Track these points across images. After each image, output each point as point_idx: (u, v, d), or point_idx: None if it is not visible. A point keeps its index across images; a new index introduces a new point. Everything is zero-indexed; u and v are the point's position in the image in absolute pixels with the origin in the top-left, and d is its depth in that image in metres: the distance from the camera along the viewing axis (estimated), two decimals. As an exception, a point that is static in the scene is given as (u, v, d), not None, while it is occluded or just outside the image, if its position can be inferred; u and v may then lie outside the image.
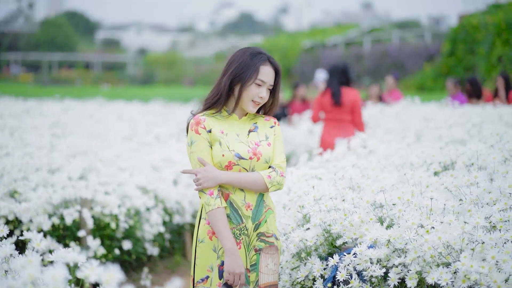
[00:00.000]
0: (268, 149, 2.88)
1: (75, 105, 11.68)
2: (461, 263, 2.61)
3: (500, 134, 5.20)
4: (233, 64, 2.85)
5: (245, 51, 2.87)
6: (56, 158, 5.29)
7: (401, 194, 3.11)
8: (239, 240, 2.83)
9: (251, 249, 2.86)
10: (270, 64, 2.86)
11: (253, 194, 2.85)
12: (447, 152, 4.09)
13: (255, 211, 2.85)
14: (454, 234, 2.74)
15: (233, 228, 2.82)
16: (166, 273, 5.62)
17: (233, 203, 2.83)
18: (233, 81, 2.83)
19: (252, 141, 2.87)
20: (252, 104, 2.85)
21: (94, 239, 4.77)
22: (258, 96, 2.83)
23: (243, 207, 2.83)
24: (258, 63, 2.83)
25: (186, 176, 6.23)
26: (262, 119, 2.97)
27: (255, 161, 2.83)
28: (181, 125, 10.12)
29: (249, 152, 2.83)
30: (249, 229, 2.84)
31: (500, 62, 17.82)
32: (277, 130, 2.97)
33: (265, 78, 2.83)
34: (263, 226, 2.88)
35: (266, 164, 2.87)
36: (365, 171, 3.92)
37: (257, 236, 2.87)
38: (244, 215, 2.83)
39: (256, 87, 2.82)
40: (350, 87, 7.33)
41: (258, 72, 2.82)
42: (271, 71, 2.86)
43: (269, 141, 2.91)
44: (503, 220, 2.87)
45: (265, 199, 2.90)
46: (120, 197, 5.09)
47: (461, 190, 3.26)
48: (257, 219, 2.86)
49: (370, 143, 4.84)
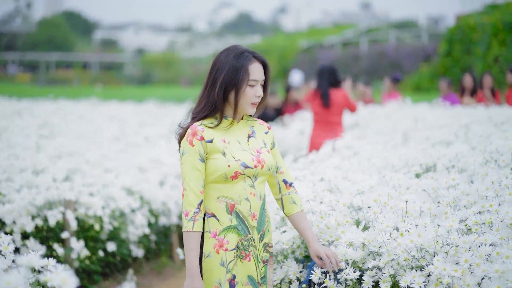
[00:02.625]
0: (269, 156, 2.81)
1: (67, 105, 11.66)
2: (434, 267, 2.60)
3: (486, 135, 5.21)
4: (220, 71, 2.72)
5: (227, 54, 2.74)
6: (41, 159, 5.28)
7: (377, 196, 3.10)
8: (248, 252, 2.74)
9: (259, 261, 2.79)
10: (257, 60, 2.76)
11: (258, 203, 2.76)
12: (429, 154, 4.09)
13: (259, 221, 2.78)
14: (429, 237, 2.73)
15: (242, 239, 2.72)
16: (152, 275, 5.61)
17: (240, 213, 2.73)
18: (226, 89, 2.71)
19: (254, 148, 2.80)
20: (251, 106, 2.77)
21: (78, 240, 4.76)
22: (255, 96, 2.75)
23: (249, 217, 2.75)
24: (246, 64, 2.72)
25: (172, 177, 6.23)
26: (257, 123, 2.89)
27: (260, 169, 2.76)
28: (174, 125, 10.11)
29: (253, 160, 2.75)
30: (255, 240, 2.77)
31: (496, 62, 17.81)
32: (271, 136, 2.91)
33: (257, 76, 2.74)
34: (266, 236, 2.82)
35: (269, 171, 2.80)
36: (347, 173, 3.92)
37: (263, 247, 2.80)
38: (250, 226, 2.75)
39: (250, 88, 2.73)
40: (338, 88, 7.35)
41: (249, 73, 2.71)
42: (259, 66, 2.76)
43: (268, 148, 2.85)
44: (478, 223, 2.86)
45: (266, 208, 2.84)
46: (105, 198, 5.07)
47: (440, 193, 3.25)
48: (261, 229, 2.79)
49: (355, 145, 4.83)
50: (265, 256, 2.81)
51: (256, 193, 2.76)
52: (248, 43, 41.25)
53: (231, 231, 2.71)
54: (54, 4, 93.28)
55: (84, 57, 50.09)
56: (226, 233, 2.70)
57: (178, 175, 6.42)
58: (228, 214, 2.72)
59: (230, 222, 2.71)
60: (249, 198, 2.74)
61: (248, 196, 2.74)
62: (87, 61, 48.41)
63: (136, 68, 46.23)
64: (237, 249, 2.72)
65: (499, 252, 2.60)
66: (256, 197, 2.76)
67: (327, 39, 32.62)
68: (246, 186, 2.74)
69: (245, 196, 2.73)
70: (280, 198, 2.91)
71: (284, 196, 2.90)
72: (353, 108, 7.47)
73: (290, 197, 2.90)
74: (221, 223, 2.71)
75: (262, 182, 2.80)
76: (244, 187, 2.73)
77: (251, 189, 2.75)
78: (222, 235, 2.70)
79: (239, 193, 2.72)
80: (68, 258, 4.71)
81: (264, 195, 2.81)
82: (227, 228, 2.71)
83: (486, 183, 3.18)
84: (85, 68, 46.52)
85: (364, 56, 27.71)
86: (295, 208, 2.89)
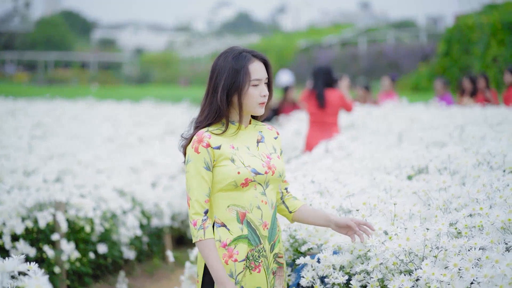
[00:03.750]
0: (280, 162, 2.72)
1: (62, 105, 11.61)
2: (422, 271, 2.57)
3: (481, 136, 5.17)
4: (220, 76, 2.62)
5: (226, 57, 2.65)
6: (32, 160, 5.23)
7: (367, 199, 3.06)
8: (259, 263, 2.63)
9: (270, 272, 2.68)
10: (257, 59, 2.66)
11: (269, 212, 2.66)
12: (422, 155, 4.05)
13: (271, 230, 2.67)
14: (418, 241, 2.70)
15: (252, 250, 2.61)
16: (144, 277, 5.57)
17: (251, 222, 2.62)
18: (229, 93, 2.61)
19: (264, 154, 2.69)
20: (259, 106, 2.65)
21: (68, 242, 4.72)
22: (261, 96, 2.64)
23: (260, 227, 2.63)
24: (245, 64, 2.62)
25: (165, 178, 6.19)
26: (265, 128, 2.80)
27: (270, 175, 2.66)
28: (169, 125, 10.06)
29: (264, 167, 2.65)
30: (266, 251, 2.66)
31: (495, 62, 17.78)
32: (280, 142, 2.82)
33: (259, 75, 2.63)
34: (277, 246, 2.72)
35: (280, 178, 2.70)
36: (338, 174, 3.88)
37: (273, 258, 2.70)
38: (262, 235, 2.64)
39: (254, 88, 2.63)
40: (334, 88, 7.33)
41: (250, 73, 2.61)
42: (260, 65, 2.66)
43: (278, 154, 2.76)
44: (468, 226, 2.82)
45: (277, 217, 2.75)
46: (96, 199, 5.03)
47: (431, 195, 3.21)
48: (272, 239, 2.68)
49: (348, 146, 4.80)
50: (274, 267, 2.71)
51: (268, 201, 2.66)
52: (247, 43, 41.22)
53: (242, 241, 2.60)
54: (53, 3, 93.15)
55: (83, 56, 50.04)
56: (236, 243, 2.60)
57: (171, 176, 6.39)
58: (239, 223, 2.61)
59: (241, 232, 2.61)
60: (260, 206, 2.63)
61: (259, 204, 2.64)
62: (85, 61, 48.36)
63: (135, 67, 46.21)
64: (247, 260, 2.61)
65: (489, 256, 2.56)
66: (267, 205, 2.66)
67: (325, 39, 32.59)
68: (258, 193, 2.64)
69: (257, 204, 2.63)
70: (282, 202, 2.83)
71: (285, 198, 2.84)
72: (349, 108, 7.45)
73: (290, 196, 2.85)
74: (231, 232, 2.60)
75: (273, 189, 2.70)
76: (256, 195, 2.63)
77: (263, 197, 2.64)
78: (232, 245, 2.60)
79: (250, 201, 2.62)
80: (59, 260, 4.67)
81: (275, 203, 2.71)
82: (237, 238, 2.60)
83: (477, 185, 3.14)
84: (84, 68, 46.48)
85: (363, 56, 27.68)
86: (299, 202, 2.83)
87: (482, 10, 20.58)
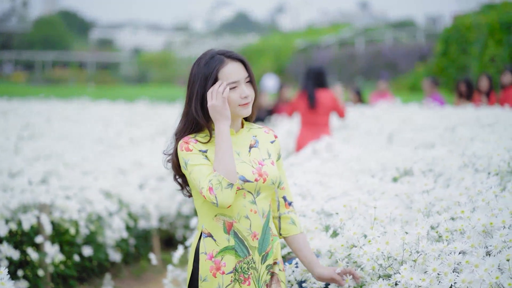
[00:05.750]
0: (273, 169, 2.56)
1: (55, 105, 11.56)
2: (400, 275, 2.52)
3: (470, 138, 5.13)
4: (194, 84, 2.50)
5: (199, 64, 2.52)
6: (17, 162, 5.18)
7: (347, 202, 3.01)
8: (248, 275, 2.50)
9: (262, 285, 2.54)
10: (231, 59, 2.51)
11: (259, 222, 2.52)
12: (408, 157, 4.01)
13: (261, 241, 2.53)
14: (397, 245, 2.65)
15: (240, 262, 2.48)
16: (131, 279, 5.53)
17: (238, 233, 2.49)
18: (203, 102, 2.48)
19: (255, 160, 2.55)
20: (241, 108, 2.51)
21: (52, 245, 4.66)
22: (241, 97, 2.49)
23: (249, 237, 2.50)
24: (216, 68, 2.48)
25: (153, 180, 6.14)
26: (261, 131, 2.65)
27: (261, 182, 2.51)
28: (162, 126, 10.01)
29: (254, 174, 2.50)
30: (256, 262, 2.52)
31: (492, 62, 17.75)
32: (277, 146, 2.67)
33: (234, 77, 2.48)
34: (270, 257, 2.57)
35: (273, 185, 2.55)
36: (323, 177, 3.83)
37: (266, 269, 2.56)
38: (251, 246, 2.51)
39: (232, 92, 2.48)
40: (325, 88, 7.31)
41: (218, 77, 2.47)
42: (235, 65, 2.51)
43: (272, 159, 2.60)
44: (449, 230, 2.77)
45: (270, 225, 2.59)
46: (81, 201, 4.98)
47: (414, 198, 3.17)
48: (263, 250, 2.54)
49: (336, 147, 4.75)
50: (268, 279, 2.56)
51: (258, 210, 2.51)
52: (245, 43, 41.20)
53: (229, 253, 2.49)
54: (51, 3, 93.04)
55: (81, 56, 49.95)
56: (223, 254, 2.49)
57: (159, 177, 6.34)
58: (226, 234, 2.49)
59: (228, 243, 2.49)
60: (249, 215, 2.50)
61: (248, 213, 2.50)
62: (83, 61, 48.27)
63: (133, 67, 46.14)
64: (235, 272, 2.49)
65: (469, 261, 2.52)
66: (257, 215, 2.51)
67: (323, 39, 32.55)
68: (246, 202, 2.50)
69: (245, 214, 2.49)
70: (278, 216, 2.67)
71: (283, 216, 2.67)
72: (341, 113, 7.39)
73: (289, 217, 2.67)
74: (218, 243, 2.49)
75: (266, 197, 2.56)
76: (244, 204, 2.49)
77: (252, 206, 2.50)
78: (219, 256, 2.49)
79: (237, 211, 2.48)
80: (43, 263, 4.62)
81: (268, 212, 2.56)
82: (224, 249, 2.49)
83: (461, 188, 3.10)
84: (82, 68, 46.40)
85: (360, 56, 27.65)
86: (294, 229, 2.66)
87: (480, 10, 20.55)
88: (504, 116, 6.92)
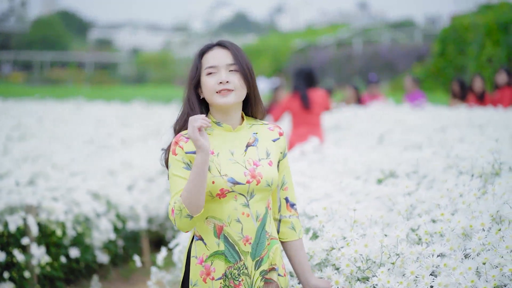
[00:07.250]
0: (270, 170, 2.42)
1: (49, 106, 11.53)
2: (377, 279, 2.50)
3: (459, 139, 5.12)
4: (189, 71, 2.48)
5: (194, 56, 2.50)
6: (5, 163, 5.17)
7: (328, 204, 3.00)
8: (239, 282, 2.37)
9: None
10: (218, 46, 2.45)
11: (252, 225, 2.39)
12: (394, 158, 3.99)
13: (255, 245, 2.40)
14: (375, 247, 2.63)
15: (230, 267, 2.37)
16: (120, 281, 5.51)
17: (228, 237, 2.37)
18: (195, 88, 2.45)
19: (250, 160, 2.41)
20: (218, 96, 2.39)
21: (39, 246, 4.64)
22: (217, 83, 2.38)
23: (240, 242, 2.38)
24: (200, 54, 2.46)
25: (143, 181, 6.12)
26: (265, 128, 2.51)
27: (254, 184, 2.38)
28: (155, 126, 9.99)
29: (246, 175, 2.37)
30: (249, 268, 2.39)
31: (490, 62, 17.74)
32: (282, 144, 2.52)
33: (213, 62, 2.41)
34: (266, 262, 2.43)
35: (268, 187, 2.41)
36: (308, 178, 3.82)
37: (260, 275, 2.42)
38: (242, 251, 2.38)
39: (209, 77, 2.41)
40: (316, 88, 7.35)
41: (201, 61, 2.44)
42: (219, 51, 2.43)
43: (271, 159, 2.46)
44: (428, 232, 2.75)
45: (267, 229, 2.44)
46: (69, 203, 4.96)
47: (396, 200, 3.15)
48: (257, 255, 2.41)
49: (323, 148, 4.74)
50: (261, 286, 2.42)
51: (251, 213, 2.39)
52: (243, 43, 41.15)
53: (218, 257, 2.38)
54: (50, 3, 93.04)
55: (79, 56, 49.91)
56: (212, 259, 2.38)
57: (148, 178, 6.33)
58: (216, 238, 2.38)
59: (218, 247, 2.38)
60: (240, 219, 2.37)
61: (239, 216, 2.38)
62: (82, 61, 48.25)
63: (131, 67, 46.12)
64: (225, 278, 2.38)
65: (447, 264, 2.51)
66: (250, 218, 2.39)
67: (321, 39, 32.54)
68: (238, 205, 2.38)
69: (236, 217, 2.37)
70: (279, 219, 2.55)
71: (283, 219, 2.55)
72: (328, 108, 7.55)
73: (289, 222, 2.55)
74: (208, 247, 2.39)
75: (261, 200, 2.42)
76: (235, 207, 2.37)
77: (244, 209, 2.38)
78: (208, 261, 2.38)
79: (228, 214, 2.37)
80: (29, 265, 4.60)
81: (263, 215, 2.42)
82: (214, 253, 2.38)
83: (443, 190, 3.08)
84: (80, 68, 46.37)
85: (358, 56, 27.64)
86: (293, 235, 2.55)
87: (477, 11, 20.56)
88: (497, 117, 6.92)
